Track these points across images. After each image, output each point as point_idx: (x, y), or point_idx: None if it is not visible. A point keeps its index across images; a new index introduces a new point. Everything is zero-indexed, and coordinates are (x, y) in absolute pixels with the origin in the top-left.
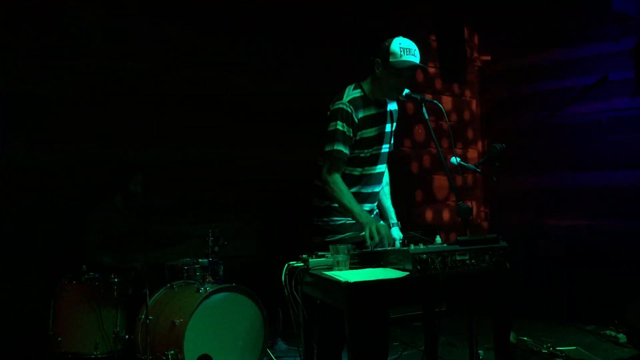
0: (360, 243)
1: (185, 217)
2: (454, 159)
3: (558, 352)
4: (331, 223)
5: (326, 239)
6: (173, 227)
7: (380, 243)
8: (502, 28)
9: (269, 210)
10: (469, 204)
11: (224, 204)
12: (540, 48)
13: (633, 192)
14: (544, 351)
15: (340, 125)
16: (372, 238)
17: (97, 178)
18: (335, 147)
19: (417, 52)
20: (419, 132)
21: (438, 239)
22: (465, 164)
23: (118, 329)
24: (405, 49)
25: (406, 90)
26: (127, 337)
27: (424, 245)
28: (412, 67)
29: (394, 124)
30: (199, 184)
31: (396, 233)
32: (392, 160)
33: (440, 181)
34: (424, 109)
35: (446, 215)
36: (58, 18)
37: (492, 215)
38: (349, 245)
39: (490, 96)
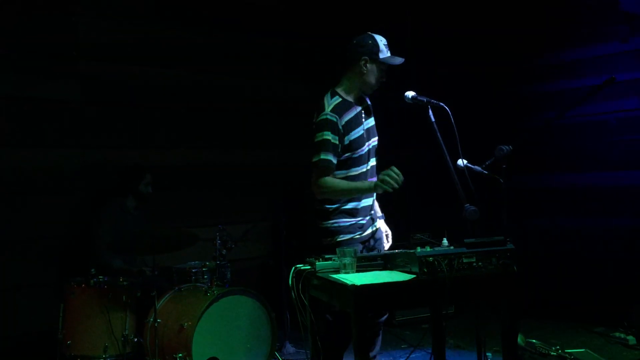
0: (368, 241)
1: (193, 220)
2: (460, 161)
3: (567, 355)
4: (342, 224)
5: (338, 239)
6: (181, 230)
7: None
8: (507, 29)
9: (276, 212)
10: (476, 206)
11: (231, 207)
12: (547, 48)
13: None
14: (552, 353)
15: (327, 135)
16: (391, 185)
17: (105, 181)
18: (322, 157)
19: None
20: (425, 134)
21: (445, 241)
22: (472, 166)
23: (127, 332)
24: (387, 45)
25: (412, 93)
26: (135, 340)
27: (430, 247)
28: (401, 63)
29: (373, 117)
30: (206, 187)
31: (382, 225)
32: (399, 163)
33: (446, 183)
34: (430, 112)
35: (453, 217)
36: (67, 21)
37: (499, 217)
38: (356, 248)
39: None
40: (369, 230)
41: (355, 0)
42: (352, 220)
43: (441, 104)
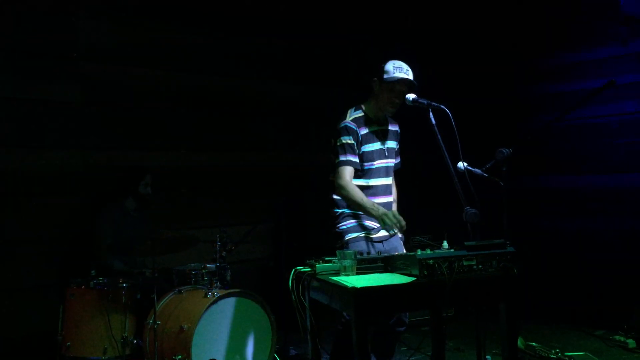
0: (381, 242)
1: (193, 222)
2: (460, 164)
3: (566, 358)
4: (349, 225)
5: (346, 238)
6: (181, 232)
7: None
8: (508, 31)
9: (276, 214)
10: (476, 208)
11: (231, 208)
12: (548, 51)
13: None
14: (552, 356)
15: (346, 139)
16: (390, 226)
17: (106, 182)
18: (345, 158)
19: (409, 72)
20: (426, 137)
21: (445, 244)
22: (472, 169)
23: (126, 334)
24: (397, 67)
25: (413, 96)
26: (135, 342)
27: (431, 250)
28: (403, 81)
29: (397, 143)
30: (206, 188)
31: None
32: (399, 165)
33: (447, 186)
34: (430, 114)
35: (453, 220)
36: (67, 22)
37: (499, 219)
38: (356, 251)
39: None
40: (379, 234)
41: (356, 1)
42: (357, 221)
43: (442, 106)
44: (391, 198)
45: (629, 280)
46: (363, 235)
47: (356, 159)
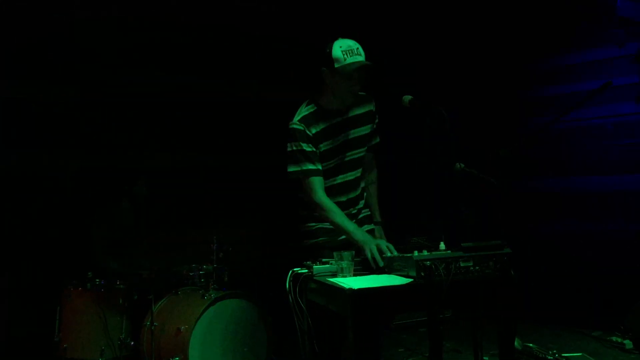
0: (338, 247)
1: (190, 223)
2: (457, 165)
3: (563, 359)
4: (320, 226)
5: (312, 241)
6: (178, 234)
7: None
8: (505, 33)
9: (274, 215)
10: (473, 210)
11: (228, 210)
12: (544, 53)
13: (639, 196)
14: (549, 357)
15: (296, 145)
16: (376, 262)
17: (101, 184)
18: (301, 168)
19: (360, 50)
20: (423, 138)
21: (442, 245)
22: (468, 170)
23: (123, 336)
24: (347, 50)
25: (409, 97)
26: (132, 343)
27: (428, 251)
28: (360, 67)
29: (372, 125)
30: (203, 190)
31: (378, 232)
32: (398, 167)
33: (443, 187)
34: (427, 116)
35: (450, 221)
36: (63, 24)
37: (497, 220)
38: (353, 252)
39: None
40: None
41: (356, 2)
42: (319, 224)
43: (438, 107)
44: (356, 193)
45: (625, 281)
46: (337, 238)
47: (315, 166)
